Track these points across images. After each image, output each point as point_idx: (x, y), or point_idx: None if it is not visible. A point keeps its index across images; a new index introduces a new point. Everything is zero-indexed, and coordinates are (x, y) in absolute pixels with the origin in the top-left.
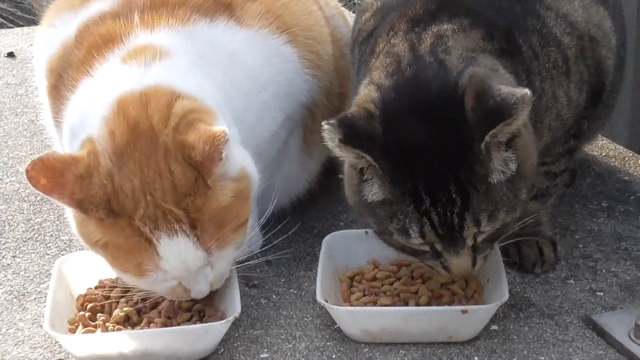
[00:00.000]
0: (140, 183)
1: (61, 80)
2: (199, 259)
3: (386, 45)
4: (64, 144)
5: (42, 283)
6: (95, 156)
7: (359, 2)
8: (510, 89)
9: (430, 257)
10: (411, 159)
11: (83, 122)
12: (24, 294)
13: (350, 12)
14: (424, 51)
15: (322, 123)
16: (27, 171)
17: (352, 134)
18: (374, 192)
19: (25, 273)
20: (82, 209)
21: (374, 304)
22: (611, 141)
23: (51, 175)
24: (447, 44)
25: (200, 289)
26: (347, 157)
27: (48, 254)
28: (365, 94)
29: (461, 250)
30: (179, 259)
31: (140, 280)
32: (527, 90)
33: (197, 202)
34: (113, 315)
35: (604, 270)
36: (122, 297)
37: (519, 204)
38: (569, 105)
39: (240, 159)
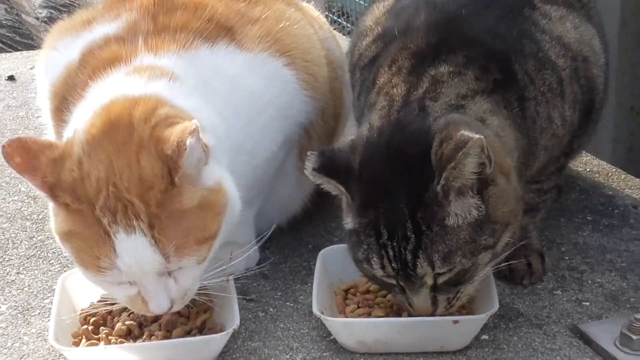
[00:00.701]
0: (106, 172)
1: (65, 103)
2: (156, 262)
3: (388, 83)
4: None
5: (46, 298)
6: (71, 144)
7: (347, 25)
8: (467, 134)
9: (398, 292)
10: (378, 194)
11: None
12: (28, 309)
13: (341, 35)
14: (415, 97)
15: (308, 153)
16: (3, 147)
17: (327, 165)
18: (348, 220)
19: (29, 289)
20: (52, 194)
21: (368, 315)
22: (595, 157)
23: (26, 155)
24: (438, 90)
25: (158, 302)
26: (322, 184)
27: (51, 271)
28: (360, 132)
29: (420, 289)
30: (134, 258)
31: (99, 278)
32: (477, 137)
33: (159, 196)
34: (115, 329)
35: (589, 281)
36: (124, 311)
37: (479, 252)
38: (563, 125)
39: (217, 174)
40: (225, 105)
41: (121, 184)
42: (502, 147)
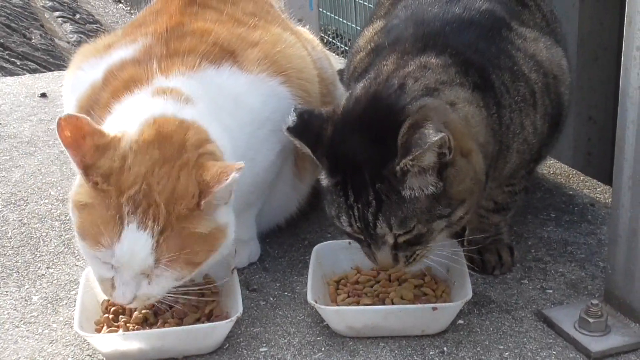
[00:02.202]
0: (146, 172)
1: (90, 117)
2: (147, 263)
3: (379, 65)
4: None
5: (72, 290)
6: (119, 140)
7: (341, 46)
8: (431, 132)
9: (365, 246)
10: (346, 159)
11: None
12: (56, 300)
13: (335, 55)
14: (397, 74)
15: (291, 109)
16: (59, 119)
17: (301, 126)
18: (323, 177)
19: (57, 282)
20: (86, 173)
21: (357, 303)
22: (557, 161)
23: (76, 133)
24: (423, 73)
25: (124, 292)
26: (294, 142)
27: (77, 265)
28: (345, 98)
29: (382, 247)
30: (132, 251)
31: (90, 251)
32: (438, 138)
33: (183, 211)
34: (133, 317)
35: (552, 271)
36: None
37: (434, 220)
38: (534, 133)
39: (228, 217)
40: (230, 119)
41: (155, 187)
42: (467, 130)
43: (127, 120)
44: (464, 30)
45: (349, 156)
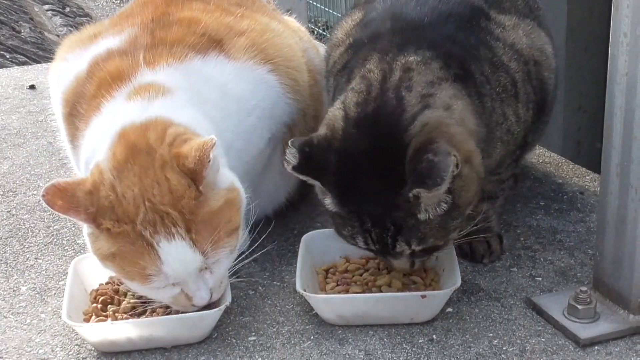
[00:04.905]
0: (140, 190)
1: (75, 110)
2: (197, 261)
3: (362, 69)
4: (82, 175)
5: (61, 280)
6: (100, 174)
7: (323, 32)
8: (443, 158)
9: (379, 254)
10: (355, 191)
11: (93, 155)
12: (45, 290)
13: (325, 46)
14: (391, 85)
15: (289, 142)
16: (43, 196)
17: (306, 162)
18: (330, 204)
19: (46, 272)
20: (96, 222)
21: (346, 292)
22: (547, 150)
23: (65, 196)
24: (411, 79)
25: (201, 295)
26: (303, 178)
27: (65, 256)
28: (334, 117)
29: (399, 257)
30: (178, 261)
31: (146, 286)
32: (452, 165)
33: (190, 204)
34: (121, 306)
35: (541, 259)
36: (129, 290)
37: (449, 232)
38: (518, 122)
39: (229, 176)
40: (216, 110)
41: (155, 199)
42: (465, 131)
43: (101, 138)
44: (442, 22)
45: (359, 186)
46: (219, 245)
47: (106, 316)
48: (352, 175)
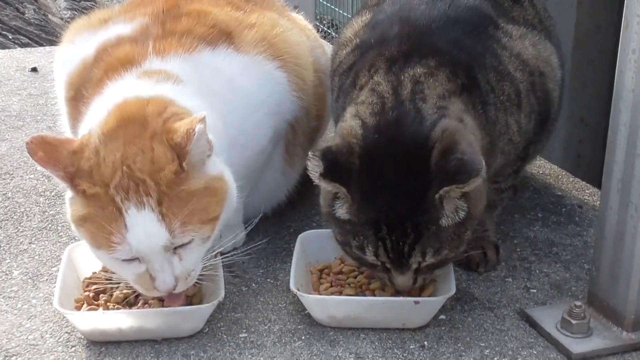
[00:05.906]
0: (122, 156)
1: (80, 94)
2: (162, 237)
3: (369, 81)
4: None
5: (54, 267)
6: (89, 137)
7: (337, 36)
8: (471, 156)
9: (381, 271)
10: (378, 195)
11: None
12: (37, 276)
13: (330, 44)
14: (405, 97)
15: (309, 153)
16: (27, 143)
17: (331, 168)
18: (343, 211)
19: (39, 257)
20: (72, 183)
21: (340, 293)
22: (547, 161)
23: (48, 149)
24: (423, 91)
25: (164, 278)
26: (325, 187)
27: (59, 242)
28: (351, 127)
29: (406, 272)
30: (143, 232)
31: (111, 256)
32: (482, 163)
33: (169, 177)
34: (114, 296)
35: (537, 271)
36: (122, 280)
37: (462, 244)
38: (519, 132)
39: (221, 167)
40: (223, 104)
41: (134, 166)
42: (477, 144)
43: (101, 113)
44: (449, 27)
45: (383, 190)
46: (188, 228)
47: (98, 305)
48: (376, 178)
